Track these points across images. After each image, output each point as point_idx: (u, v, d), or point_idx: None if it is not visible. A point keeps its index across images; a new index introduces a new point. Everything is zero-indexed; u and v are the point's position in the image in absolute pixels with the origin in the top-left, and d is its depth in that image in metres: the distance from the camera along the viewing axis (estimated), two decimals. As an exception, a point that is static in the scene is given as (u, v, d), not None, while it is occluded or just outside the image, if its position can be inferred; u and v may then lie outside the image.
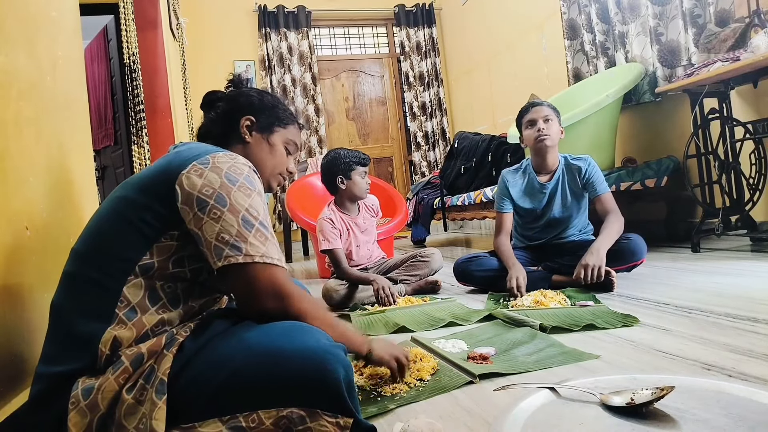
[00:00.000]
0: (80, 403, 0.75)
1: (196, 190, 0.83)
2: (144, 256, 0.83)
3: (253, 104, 1.08)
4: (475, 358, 1.28)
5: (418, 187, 4.82)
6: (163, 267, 0.84)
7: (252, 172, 0.90)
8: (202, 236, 0.82)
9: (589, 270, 1.87)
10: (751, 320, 1.39)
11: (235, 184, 0.85)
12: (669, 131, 3.12)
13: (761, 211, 2.63)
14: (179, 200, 0.83)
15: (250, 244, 0.82)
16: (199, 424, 0.74)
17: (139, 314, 0.81)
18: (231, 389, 0.74)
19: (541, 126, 2.13)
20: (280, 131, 1.09)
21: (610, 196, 2.14)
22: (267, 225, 0.86)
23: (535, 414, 0.92)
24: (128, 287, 0.82)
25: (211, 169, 0.85)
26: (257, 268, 0.82)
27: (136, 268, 0.82)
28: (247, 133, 1.06)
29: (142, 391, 0.76)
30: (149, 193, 0.85)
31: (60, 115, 1.39)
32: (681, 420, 0.85)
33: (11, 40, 1.12)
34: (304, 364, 0.74)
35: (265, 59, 5.50)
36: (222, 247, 0.81)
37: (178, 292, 0.87)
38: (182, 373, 0.76)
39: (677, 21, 2.88)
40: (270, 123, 1.08)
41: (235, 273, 0.82)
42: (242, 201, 0.84)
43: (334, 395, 0.74)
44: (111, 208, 0.88)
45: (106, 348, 0.78)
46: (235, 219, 0.82)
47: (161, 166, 0.89)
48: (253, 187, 0.87)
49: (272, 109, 1.10)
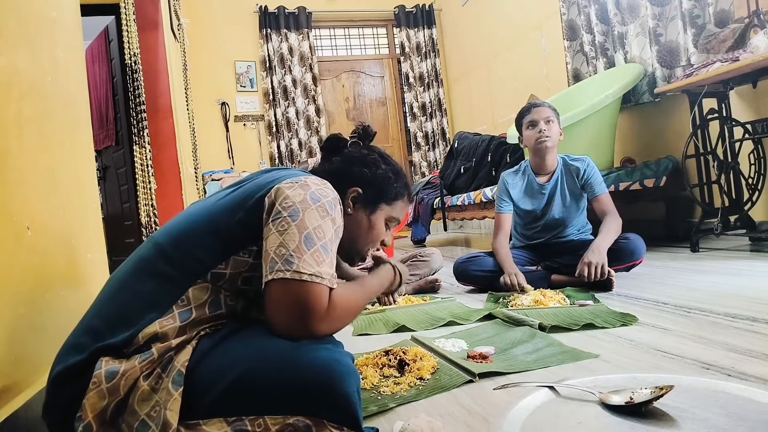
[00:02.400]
0: (102, 384, 0.74)
1: (279, 201, 0.83)
2: (220, 264, 0.83)
3: (364, 176, 1.03)
4: (475, 357, 1.29)
5: (418, 187, 4.82)
6: (233, 280, 0.84)
7: (336, 201, 0.89)
8: (265, 248, 0.81)
9: (593, 267, 1.87)
10: (750, 320, 1.39)
11: (314, 203, 0.84)
12: (668, 131, 3.13)
13: (760, 211, 2.63)
14: (265, 210, 0.84)
15: (305, 261, 0.79)
16: (204, 422, 0.73)
17: (194, 316, 0.81)
18: (240, 391, 0.74)
19: (542, 127, 2.13)
20: (384, 209, 1.05)
21: (608, 197, 2.14)
22: (330, 250, 0.83)
23: (535, 413, 0.92)
24: (195, 288, 0.82)
25: (300, 186, 0.85)
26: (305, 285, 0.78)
27: (208, 275, 0.83)
28: (351, 205, 1.02)
29: (158, 380, 0.75)
30: (243, 203, 0.86)
31: (61, 116, 1.39)
32: (680, 419, 0.85)
33: (12, 40, 1.12)
34: (314, 373, 0.73)
35: (265, 60, 5.50)
36: (276, 260, 0.79)
37: (238, 308, 0.86)
38: (195, 369, 0.76)
39: (676, 21, 2.88)
40: (377, 199, 1.04)
41: (276, 288, 0.78)
42: (314, 220, 0.82)
43: (343, 407, 0.73)
44: (207, 211, 0.89)
45: (143, 339, 0.78)
46: (299, 235, 0.80)
47: (260, 180, 0.90)
48: (331, 213, 0.86)
49: (384, 185, 1.05)
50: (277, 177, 0.90)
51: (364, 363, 1.28)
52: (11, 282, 1.02)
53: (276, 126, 5.52)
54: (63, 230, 1.30)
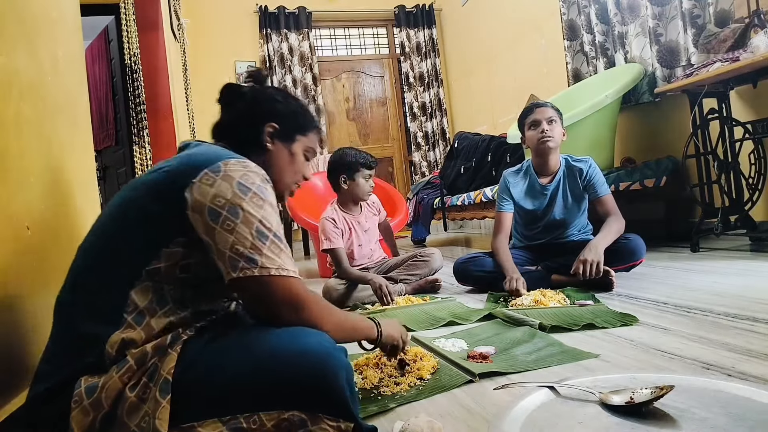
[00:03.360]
0: (83, 401, 0.74)
1: (208, 199, 0.81)
2: (153, 260, 0.82)
3: (277, 110, 1.03)
4: (475, 357, 1.29)
5: (418, 187, 4.82)
6: (170, 272, 0.83)
7: (264, 182, 0.88)
8: (214, 246, 0.81)
9: (588, 265, 1.87)
10: (750, 320, 1.39)
11: (246, 194, 0.83)
12: (668, 131, 3.13)
13: (760, 211, 2.63)
14: (189, 208, 0.82)
15: (266, 256, 0.81)
16: (198, 424, 0.73)
17: (147, 318, 0.81)
18: (232, 390, 0.74)
19: (545, 127, 2.12)
20: (301, 139, 1.06)
21: (611, 198, 2.14)
22: (280, 236, 0.85)
23: (535, 413, 0.92)
24: (136, 291, 0.81)
25: (222, 178, 0.83)
26: (273, 280, 0.81)
27: (143, 273, 0.82)
28: (270, 141, 1.02)
29: (145, 389, 0.75)
30: (159, 198, 0.84)
31: (61, 116, 1.39)
32: (680, 419, 0.85)
33: (12, 40, 1.12)
34: (305, 368, 0.74)
35: (266, 60, 5.51)
36: (237, 259, 0.80)
37: (186, 297, 0.86)
38: (185, 373, 0.76)
39: (676, 21, 2.88)
40: (293, 131, 1.04)
41: (250, 285, 0.81)
42: (255, 212, 0.82)
43: (336, 399, 0.74)
44: (120, 210, 0.87)
45: (114, 350, 0.78)
46: (248, 231, 0.81)
47: (172, 169, 0.87)
48: (265, 197, 0.85)
49: (296, 116, 1.06)
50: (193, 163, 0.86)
51: (364, 363, 1.28)
52: (10, 282, 1.02)
53: (276, 126, 5.53)
54: (63, 230, 1.30)
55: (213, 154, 0.88)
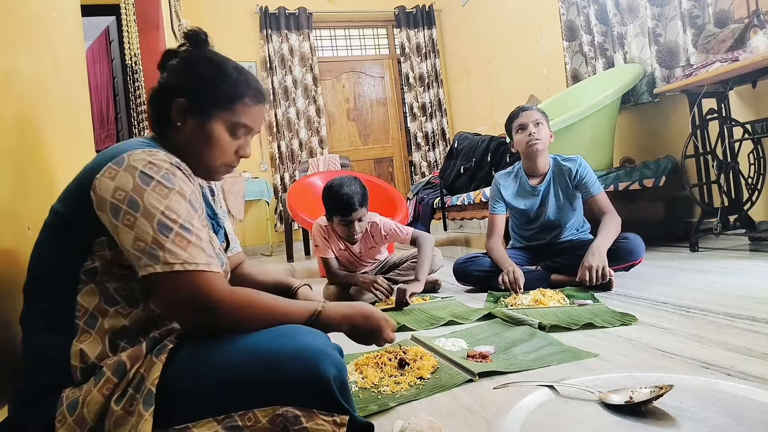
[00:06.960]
0: (67, 419, 0.73)
1: (109, 194, 0.76)
2: (85, 262, 0.79)
3: (187, 83, 0.89)
4: (475, 357, 1.29)
5: (418, 187, 4.83)
6: (107, 270, 0.80)
7: (173, 168, 0.80)
8: (120, 244, 0.77)
9: (594, 271, 1.87)
10: (749, 319, 1.39)
11: (149, 184, 0.77)
12: (667, 131, 3.13)
13: (760, 211, 2.63)
14: (95, 206, 0.78)
15: (168, 250, 0.74)
16: (193, 425, 0.73)
17: (100, 319, 0.79)
18: (225, 390, 0.74)
19: (531, 130, 2.13)
20: (221, 115, 0.89)
21: (604, 196, 2.14)
22: (190, 227, 0.77)
23: (535, 412, 0.92)
24: (81, 295, 0.79)
25: (124, 169, 0.77)
26: (177, 277, 0.74)
27: (82, 275, 0.79)
28: (180, 118, 0.89)
29: (131, 402, 0.74)
30: (71, 202, 0.81)
31: (62, 116, 1.39)
32: (680, 418, 0.85)
33: (12, 40, 1.13)
34: (296, 365, 0.73)
35: (266, 60, 5.51)
36: (140, 256, 0.74)
37: (135, 293, 0.82)
38: (176, 376, 0.75)
39: (676, 22, 2.88)
40: (208, 105, 0.89)
41: (157, 284, 0.75)
42: (157, 203, 0.76)
43: (326, 395, 0.73)
44: (46, 221, 0.84)
45: (77, 361, 0.77)
46: (149, 224, 0.75)
47: (81, 172, 0.83)
48: (173, 185, 0.78)
49: (211, 88, 0.89)
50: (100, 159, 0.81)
51: (364, 362, 1.28)
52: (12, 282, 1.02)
53: (276, 126, 5.52)
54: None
55: (122, 147, 0.82)
